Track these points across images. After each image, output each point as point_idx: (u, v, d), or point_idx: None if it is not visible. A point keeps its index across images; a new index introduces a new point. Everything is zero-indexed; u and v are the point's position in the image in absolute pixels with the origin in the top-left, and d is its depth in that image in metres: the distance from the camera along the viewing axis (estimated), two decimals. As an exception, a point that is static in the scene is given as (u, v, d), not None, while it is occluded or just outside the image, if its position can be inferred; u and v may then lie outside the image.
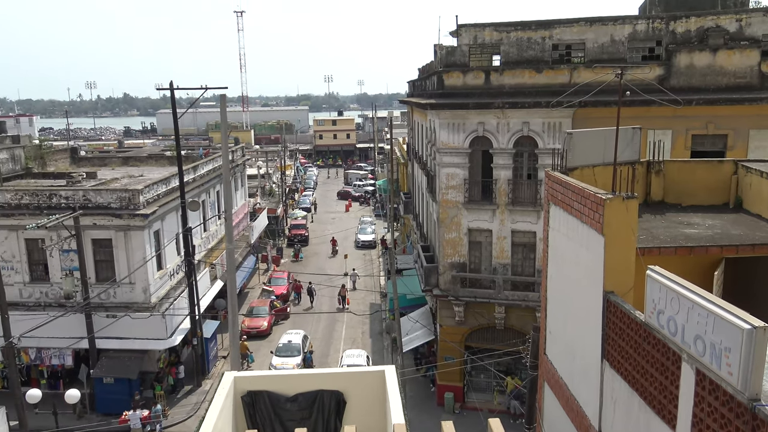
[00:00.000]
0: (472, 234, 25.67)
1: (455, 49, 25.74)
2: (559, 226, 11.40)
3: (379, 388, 8.97)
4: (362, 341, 34.65)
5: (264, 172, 63.76)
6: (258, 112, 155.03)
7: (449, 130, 25.06)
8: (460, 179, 25.32)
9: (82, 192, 26.60)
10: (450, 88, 25.20)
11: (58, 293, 26.60)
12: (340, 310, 38.58)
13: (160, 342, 26.67)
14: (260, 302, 37.87)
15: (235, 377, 9.18)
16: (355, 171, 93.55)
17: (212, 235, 36.65)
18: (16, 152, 34.92)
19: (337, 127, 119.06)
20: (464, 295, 25.78)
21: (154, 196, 27.67)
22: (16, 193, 26.75)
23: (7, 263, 26.38)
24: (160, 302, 27.22)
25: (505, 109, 23.94)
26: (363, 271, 46.30)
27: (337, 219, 66.77)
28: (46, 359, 27.33)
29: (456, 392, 27.02)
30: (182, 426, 25.63)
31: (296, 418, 9.13)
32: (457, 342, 26.27)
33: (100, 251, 26.64)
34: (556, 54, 25.05)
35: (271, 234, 52.63)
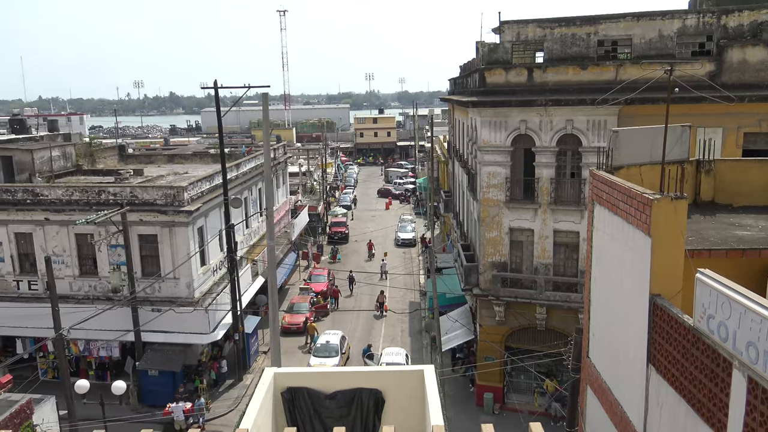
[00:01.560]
0: (513, 233, 25.36)
1: (498, 46, 25.45)
2: (604, 226, 11.14)
3: (418, 387, 8.92)
4: (401, 339, 34.63)
5: (305, 169, 64.33)
6: (300, 111, 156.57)
7: (491, 128, 24.80)
8: (501, 178, 25.03)
9: (129, 189, 27.28)
10: (492, 86, 24.93)
11: (105, 287, 27.36)
12: (377, 316, 37.94)
13: (202, 336, 27.15)
14: (300, 299, 38.22)
15: (275, 373, 9.24)
16: (396, 169, 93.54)
17: (254, 232, 37.15)
18: (67, 150, 36.03)
19: (377, 125, 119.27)
20: (505, 295, 25.50)
21: (198, 193, 28.18)
22: (67, 189, 27.60)
23: (58, 257, 27.22)
24: (203, 297, 27.72)
25: (549, 106, 23.56)
26: (402, 269, 46.28)
27: (377, 217, 66.90)
28: (94, 351, 28.14)
29: (495, 393, 26.76)
30: (223, 419, 26.06)
31: (335, 415, 9.14)
32: (497, 342, 26.00)
33: (146, 246, 27.27)
34: (601, 50, 24.53)
35: (311, 231, 53.07)
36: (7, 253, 28.10)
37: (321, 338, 31.37)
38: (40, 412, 17.18)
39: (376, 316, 37.77)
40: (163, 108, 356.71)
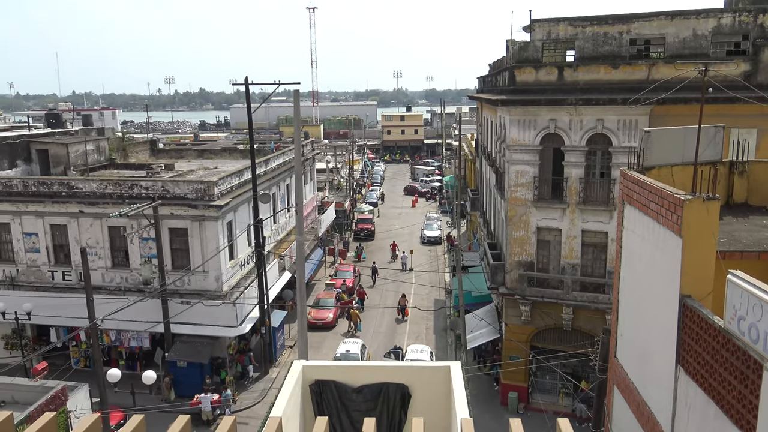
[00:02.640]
0: (540, 233, 25.25)
1: (528, 44, 25.33)
2: (634, 226, 11.09)
3: (444, 383, 9.00)
4: (426, 337, 34.70)
5: (332, 166, 64.68)
6: (327, 107, 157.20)
7: (520, 127, 24.70)
8: (529, 177, 24.93)
9: (161, 183, 27.77)
10: (521, 84, 24.84)
11: (137, 279, 27.92)
12: (399, 320, 37.21)
13: (230, 329, 27.53)
14: (326, 294, 38.50)
15: (303, 366, 9.39)
16: (422, 167, 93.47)
17: (281, 227, 37.52)
18: (101, 144, 36.80)
19: (405, 123, 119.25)
20: (531, 295, 25.41)
21: (228, 188, 28.57)
22: (101, 183, 28.21)
23: (91, 249, 27.83)
24: (231, 291, 28.12)
25: (579, 105, 23.39)
26: (428, 267, 46.31)
27: (403, 214, 66.99)
28: (125, 341, 28.73)
29: (520, 392, 26.69)
30: (250, 411, 26.42)
31: (362, 408, 9.28)
32: (522, 341, 25.93)
33: (177, 240, 27.75)
34: (633, 49, 24.26)
35: (338, 227, 53.38)
36: (42, 245, 28.83)
37: (341, 347, 30.38)
38: (74, 399, 17.65)
39: (398, 320, 37.02)
40: (193, 104, 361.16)
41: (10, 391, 17.08)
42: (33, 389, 17.05)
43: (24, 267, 29.28)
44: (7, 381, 17.24)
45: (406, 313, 37.16)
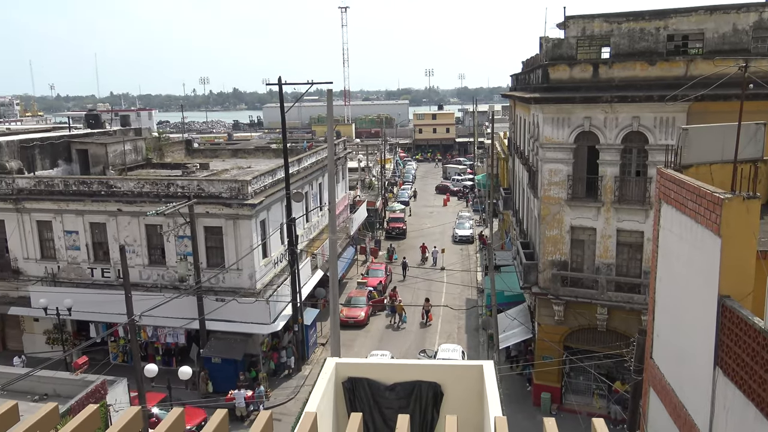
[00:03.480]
0: (574, 232, 24.96)
1: (562, 41, 25.05)
2: (671, 225, 10.90)
3: (477, 382, 8.98)
4: (458, 336, 34.60)
5: (364, 165, 64.87)
6: (359, 106, 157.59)
7: (553, 125, 24.45)
8: (563, 175, 24.66)
9: (196, 182, 28.23)
10: (555, 82, 24.57)
11: (173, 276, 28.45)
12: (423, 324, 36.34)
13: (263, 327, 27.83)
14: (358, 293, 38.66)
15: (336, 363, 9.48)
16: (454, 165, 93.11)
17: (314, 226, 37.80)
18: (138, 144, 37.57)
19: (436, 121, 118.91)
20: (565, 294, 25.13)
21: (261, 187, 28.91)
22: (138, 181, 28.81)
23: (129, 247, 28.44)
24: (264, 289, 28.45)
25: (614, 103, 23.04)
26: (460, 266, 46.15)
27: (435, 213, 66.85)
28: (161, 337, 29.31)
29: (553, 393, 26.43)
30: (283, 408, 26.71)
31: (394, 406, 9.32)
32: (555, 342, 25.67)
33: (211, 238, 28.18)
34: (671, 45, 23.82)
35: (369, 226, 53.54)
36: (82, 242, 29.58)
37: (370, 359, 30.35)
38: (113, 393, 18.09)
39: (422, 324, 36.30)
40: (227, 104, 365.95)
41: (52, 384, 17.58)
42: (74, 383, 17.52)
43: (65, 264, 30.08)
44: (49, 375, 17.74)
45: (429, 318, 36.48)
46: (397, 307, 36.77)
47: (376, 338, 34.82)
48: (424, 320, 36.50)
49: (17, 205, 29.75)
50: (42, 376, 17.40)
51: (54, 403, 4.51)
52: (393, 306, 37.24)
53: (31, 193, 29.65)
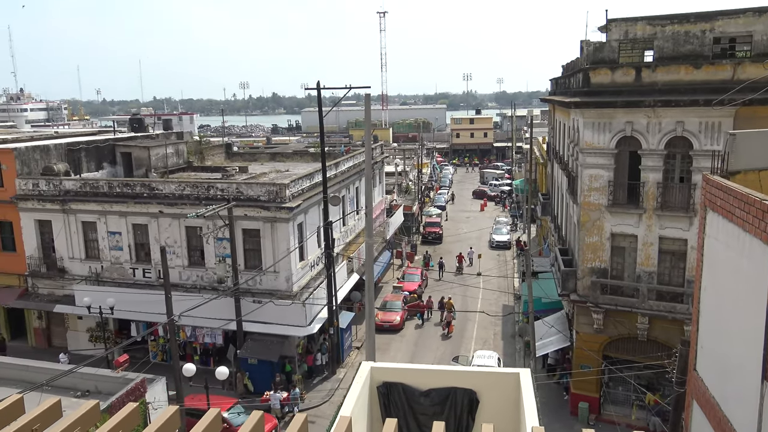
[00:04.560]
0: (615, 239, 24.46)
1: (604, 44, 24.63)
2: (717, 233, 10.58)
3: (513, 390, 8.85)
4: (494, 343, 34.25)
5: (401, 169, 64.88)
6: (397, 111, 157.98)
7: (594, 130, 24.04)
8: (603, 181, 24.21)
9: (235, 185, 28.62)
10: (596, 86, 24.16)
11: (211, 277, 28.88)
12: (444, 336, 35.50)
13: (299, 329, 28.03)
14: (394, 297, 38.62)
15: (371, 367, 9.45)
16: (492, 170, 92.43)
17: (350, 230, 37.92)
18: (179, 147, 38.32)
19: (474, 126, 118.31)
20: (604, 302, 24.64)
21: (299, 191, 29.14)
22: (179, 184, 29.35)
23: (170, 248, 28.99)
24: (300, 291, 28.65)
25: (657, 107, 22.53)
26: (496, 271, 45.73)
27: (471, 218, 66.43)
28: (199, 337, 29.77)
29: (591, 403, 25.92)
30: (317, 410, 26.81)
31: (429, 412, 9.25)
32: (594, 351, 25.18)
33: (249, 240, 28.52)
34: (717, 48, 23.17)
35: (406, 231, 53.50)
36: (125, 243, 30.27)
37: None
38: (152, 391, 18.43)
39: (443, 336, 35.53)
40: (266, 108, 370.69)
41: (94, 381, 18.00)
42: (115, 380, 17.92)
43: (108, 264, 30.82)
44: (91, 372, 18.16)
45: (450, 329, 35.58)
46: (447, 304, 36.93)
47: (411, 343, 34.73)
48: (445, 331, 35.53)
49: (64, 206, 30.63)
50: (85, 372, 17.83)
51: (95, 400, 4.59)
52: (441, 302, 37.45)
53: (77, 195, 30.49)
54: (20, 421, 4.12)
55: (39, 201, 31.04)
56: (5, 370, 18.12)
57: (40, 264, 32.12)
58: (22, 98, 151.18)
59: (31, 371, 17.97)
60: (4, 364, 18.55)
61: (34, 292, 32.51)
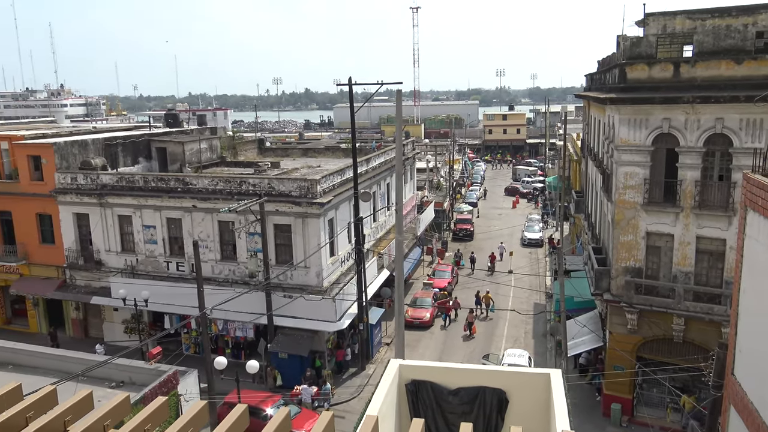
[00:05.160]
0: (650, 238, 23.97)
1: (641, 39, 24.10)
2: (758, 234, 10.26)
3: (544, 391, 8.73)
4: (524, 341, 33.92)
5: (432, 165, 64.61)
6: (429, 107, 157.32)
7: (630, 126, 23.56)
8: (639, 179, 23.72)
9: (267, 180, 28.84)
10: (633, 82, 23.66)
11: (243, 272, 29.18)
12: (466, 338, 34.75)
13: (329, 324, 28.14)
14: (424, 293, 38.51)
15: (400, 365, 9.42)
16: (524, 167, 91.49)
17: (381, 226, 37.92)
18: (213, 142, 38.77)
19: (506, 122, 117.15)
20: (638, 303, 24.18)
21: (330, 186, 29.23)
22: (212, 179, 29.71)
23: (203, 242, 29.38)
24: (330, 287, 28.76)
25: (696, 104, 21.96)
26: (528, 269, 45.27)
27: (503, 215, 65.88)
28: (231, 331, 30.11)
29: (624, 404, 25.48)
30: (346, 405, 26.91)
31: (457, 411, 9.17)
32: (627, 351, 24.73)
33: (281, 235, 28.73)
34: (760, 43, 22.45)
35: (436, 227, 53.28)
36: (159, 236, 30.78)
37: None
38: (184, 384, 18.71)
39: (465, 337, 34.89)
40: (299, 104, 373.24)
41: (128, 372, 18.35)
42: (148, 372, 18.23)
43: (143, 257, 31.38)
44: (126, 363, 18.51)
45: (473, 331, 34.90)
46: (484, 298, 37.16)
47: (441, 340, 34.62)
48: (467, 332, 34.96)
49: (101, 199, 31.27)
50: (119, 364, 18.18)
51: (126, 393, 4.64)
52: (477, 297, 37.79)
53: (114, 189, 31.09)
54: (52, 413, 4.19)
55: (77, 195, 31.75)
56: (43, 360, 18.59)
57: (78, 256, 32.88)
58: (62, 94, 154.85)
59: (67, 361, 18.40)
60: (42, 354, 19.04)
61: (72, 283, 33.30)
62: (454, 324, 36.51)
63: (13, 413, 4.11)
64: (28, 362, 18.51)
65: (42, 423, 4.00)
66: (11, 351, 18.88)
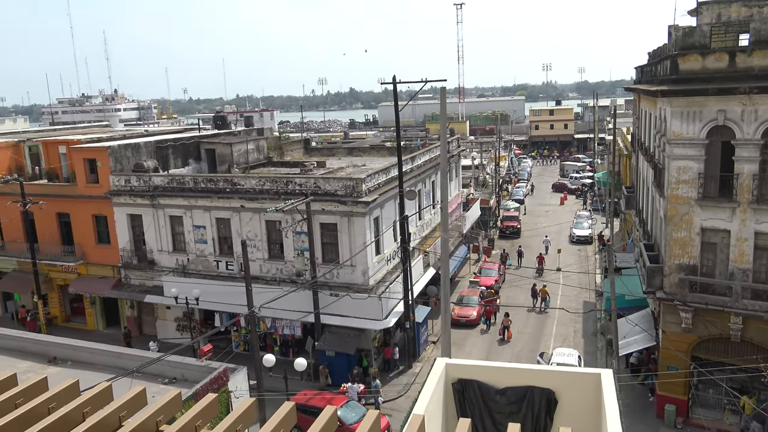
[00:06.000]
0: (705, 234, 23.20)
1: (694, 29, 23.34)
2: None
3: (594, 391, 8.55)
4: (574, 340, 33.33)
5: (478, 162, 64.11)
6: (473, 103, 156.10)
7: (683, 119, 22.85)
8: (693, 173, 22.98)
9: (313, 180, 29.13)
10: (686, 73, 22.94)
11: (290, 270, 29.55)
12: (501, 341, 33.89)
13: (375, 323, 28.24)
14: (470, 292, 38.25)
15: (446, 364, 9.36)
16: (572, 163, 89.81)
17: (426, 224, 37.83)
18: (260, 143, 39.39)
19: (553, 117, 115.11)
20: (693, 301, 23.43)
21: (375, 185, 29.31)
22: (260, 179, 30.18)
23: (251, 242, 29.87)
24: (377, 285, 28.85)
25: (753, 94, 21.14)
26: (577, 267, 44.43)
27: (551, 212, 64.84)
28: (279, 329, 30.55)
29: (679, 405, 24.75)
30: (393, 404, 26.97)
31: (505, 411, 9.07)
32: (682, 351, 24.01)
33: (327, 234, 28.97)
34: (822, 29, 21.47)
35: (482, 225, 52.83)
36: (209, 236, 31.45)
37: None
38: (234, 380, 19.02)
39: (500, 341, 34.00)
40: (343, 103, 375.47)
41: (180, 369, 18.77)
42: (199, 369, 18.61)
43: (194, 256, 32.12)
44: (178, 360, 18.94)
45: (508, 335, 33.85)
46: (541, 291, 37.49)
47: (487, 339, 34.32)
48: (503, 336, 34.01)
49: (153, 201, 32.15)
50: (172, 360, 18.61)
51: (178, 389, 4.76)
52: (534, 290, 38.19)
53: (165, 190, 31.91)
54: (108, 408, 4.32)
55: (130, 196, 32.72)
56: (99, 357, 19.21)
57: (132, 256, 33.89)
58: (116, 99, 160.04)
59: (123, 358, 18.94)
60: (98, 350, 19.67)
61: (127, 282, 34.35)
62: (494, 327, 35.99)
63: (71, 408, 4.27)
64: (86, 359, 19.16)
65: (98, 418, 4.14)
66: (70, 348, 19.56)
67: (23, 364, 18.18)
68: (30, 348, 19.46)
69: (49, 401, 4.38)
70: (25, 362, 18.38)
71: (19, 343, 19.71)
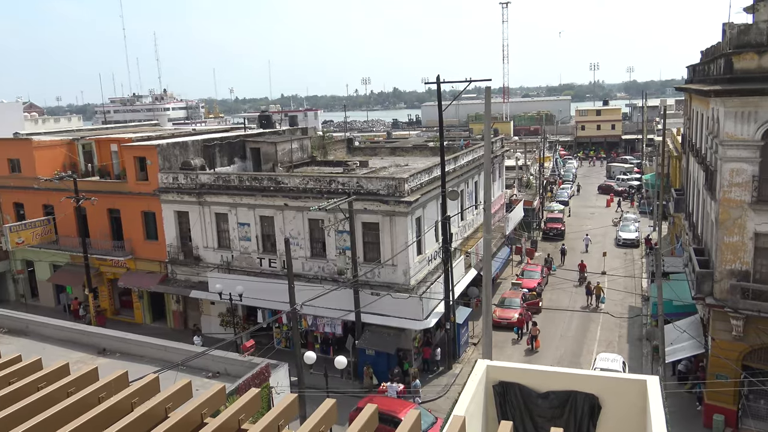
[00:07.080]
0: (759, 239, 22.40)
1: (750, 27, 22.56)
2: None
3: (639, 398, 8.36)
4: (618, 346, 32.62)
5: (521, 163, 63.35)
6: (518, 103, 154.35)
7: (737, 120, 22.11)
8: (747, 176, 22.22)
9: (355, 179, 29.26)
10: (740, 72, 22.18)
11: (332, 269, 29.75)
12: (529, 351, 32.82)
13: (416, 322, 28.19)
14: (512, 294, 37.83)
15: (487, 366, 9.28)
16: (619, 164, 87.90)
17: (468, 225, 37.60)
18: (304, 142, 39.81)
19: (600, 118, 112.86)
20: (745, 308, 22.64)
21: (418, 185, 29.27)
22: (303, 178, 30.49)
23: (293, 240, 30.19)
24: (417, 285, 28.81)
25: (812, 94, 20.30)
26: (623, 271, 43.48)
27: (596, 214, 63.62)
28: (320, 326, 30.78)
29: (727, 415, 23.97)
30: (432, 404, 26.87)
31: (547, 415, 8.95)
32: (732, 359, 23.25)
33: (368, 233, 29.07)
34: None
35: (526, 226, 52.20)
36: (253, 234, 31.93)
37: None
38: (276, 376, 19.27)
39: (528, 351, 32.79)
40: (387, 103, 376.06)
41: (224, 364, 19.12)
42: (242, 364, 18.92)
43: (238, 253, 32.67)
44: (222, 354, 19.30)
45: (536, 345, 32.74)
46: (595, 289, 37.43)
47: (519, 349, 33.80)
48: (530, 346, 32.93)
49: (199, 198, 32.83)
50: (215, 355, 18.98)
51: (222, 383, 4.85)
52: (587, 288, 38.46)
53: (211, 188, 32.54)
54: (154, 399, 4.44)
55: (178, 193, 33.48)
56: (147, 349, 19.71)
57: (178, 252, 34.67)
58: (165, 98, 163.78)
59: (169, 351, 19.39)
60: (146, 343, 20.18)
61: (173, 278, 35.17)
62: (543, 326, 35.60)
63: (120, 398, 4.40)
64: (135, 351, 19.70)
65: (146, 409, 4.25)
66: (120, 340, 20.14)
67: (75, 354, 18.80)
68: (81, 339, 20.11)
69: (100, 390, 4.53)
70: (77, 353, 18.99)
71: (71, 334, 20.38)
